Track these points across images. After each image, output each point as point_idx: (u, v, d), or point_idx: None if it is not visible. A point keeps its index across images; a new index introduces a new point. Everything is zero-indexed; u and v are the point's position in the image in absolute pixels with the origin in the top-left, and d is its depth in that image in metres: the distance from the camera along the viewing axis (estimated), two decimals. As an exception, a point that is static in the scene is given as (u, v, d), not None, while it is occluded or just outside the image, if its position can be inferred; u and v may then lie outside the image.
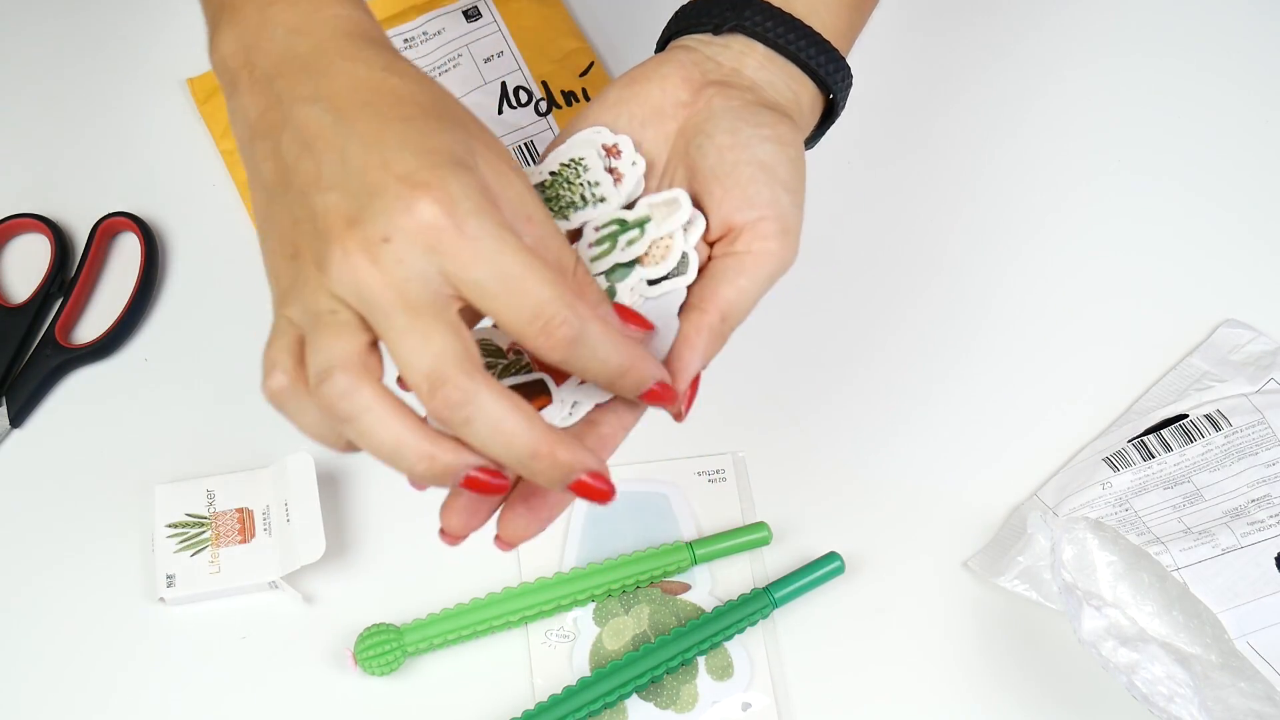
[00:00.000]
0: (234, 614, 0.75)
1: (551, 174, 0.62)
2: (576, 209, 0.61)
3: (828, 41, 0.65)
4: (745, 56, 0.64)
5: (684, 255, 0.60)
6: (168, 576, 0.74)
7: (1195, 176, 0.85)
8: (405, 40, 0.88)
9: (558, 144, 0.63)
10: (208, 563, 0.74)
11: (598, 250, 0.61)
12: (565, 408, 0.57)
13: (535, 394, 0.57)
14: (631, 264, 0.61)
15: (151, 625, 0.74)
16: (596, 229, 0.61)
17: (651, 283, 0.60)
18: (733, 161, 0.60)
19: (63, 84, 0.88)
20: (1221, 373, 0.79)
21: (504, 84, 0.87)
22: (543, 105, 0.86)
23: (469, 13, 0.89)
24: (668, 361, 0.58)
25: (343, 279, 0.51)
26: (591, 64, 0.87)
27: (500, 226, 0.51)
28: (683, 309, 0.59)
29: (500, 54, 0.88)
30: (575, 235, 0.61)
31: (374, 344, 0.52)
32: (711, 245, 0.60)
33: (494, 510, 0.56)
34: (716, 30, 0.64)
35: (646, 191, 0.62)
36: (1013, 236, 0.84)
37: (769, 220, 0.59)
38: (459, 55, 0.87)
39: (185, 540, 0.75)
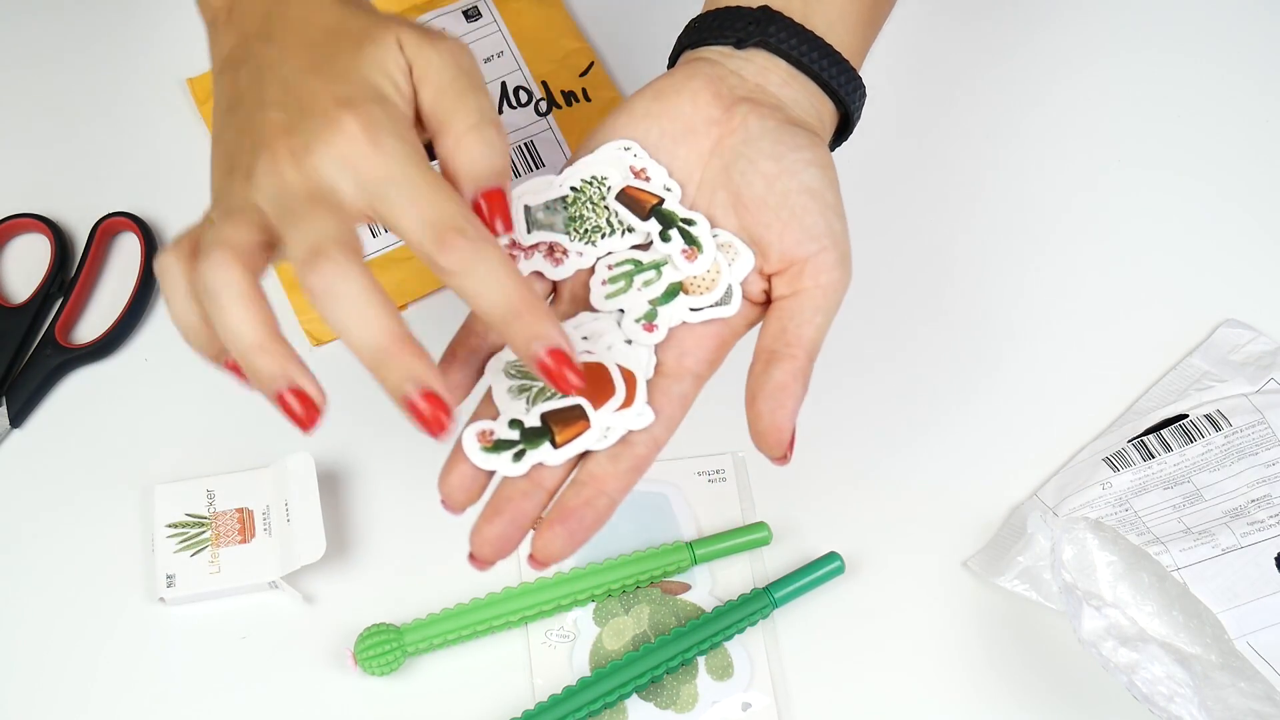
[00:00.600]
0: (234, 614, 0.75)
1: (573, 189, 0.62)
2: (603, 235, 0.62)
3: (845, 59, 0.65)
4: (768, 73, 0.64)
5: (729, 288, 0.61)
6: (168, 576, 0.74)
7: (1195, 176, 0.85)
8: (405, 40, 0.88)
9: (583, 153, 0.63)
10: (208, 563, 0.74)
11: (611, 289, 0.61)
12: (600, 430, 0.58)
13: (572, 419, 0.58)
14: (676, 290, 0.61)
15: (151, 625, 0.74)
16: (610, 266, 0.61)
17: (694, 310, 0.61)
18: (782, 191, 0.61)
19: (63, 84, 0.88)
20: (1221, 373, 0.79)
21: (504, 84, 0.87)
22: (543, 105, 0.86)
23: (469, 13, 0.89)
24: (773, 409, 0.59)
25: (264, 184, 0.55)
26: (591, 64, 0.87)
27: (412, 147, 0.54)
28: (768, 355, 0.60)
29: (500, 54, 0.88)
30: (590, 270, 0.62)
31: (266, 244, 0.55)
32: (769, 277, 0.62)
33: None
34: (740, 44, 0.64)
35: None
36: (1013, 237, 0.84)
37: (828, 250, 0.60)
38: (459, 55, 0.87)
39: (185, 540, 0.75)
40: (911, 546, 0.76)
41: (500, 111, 0.86)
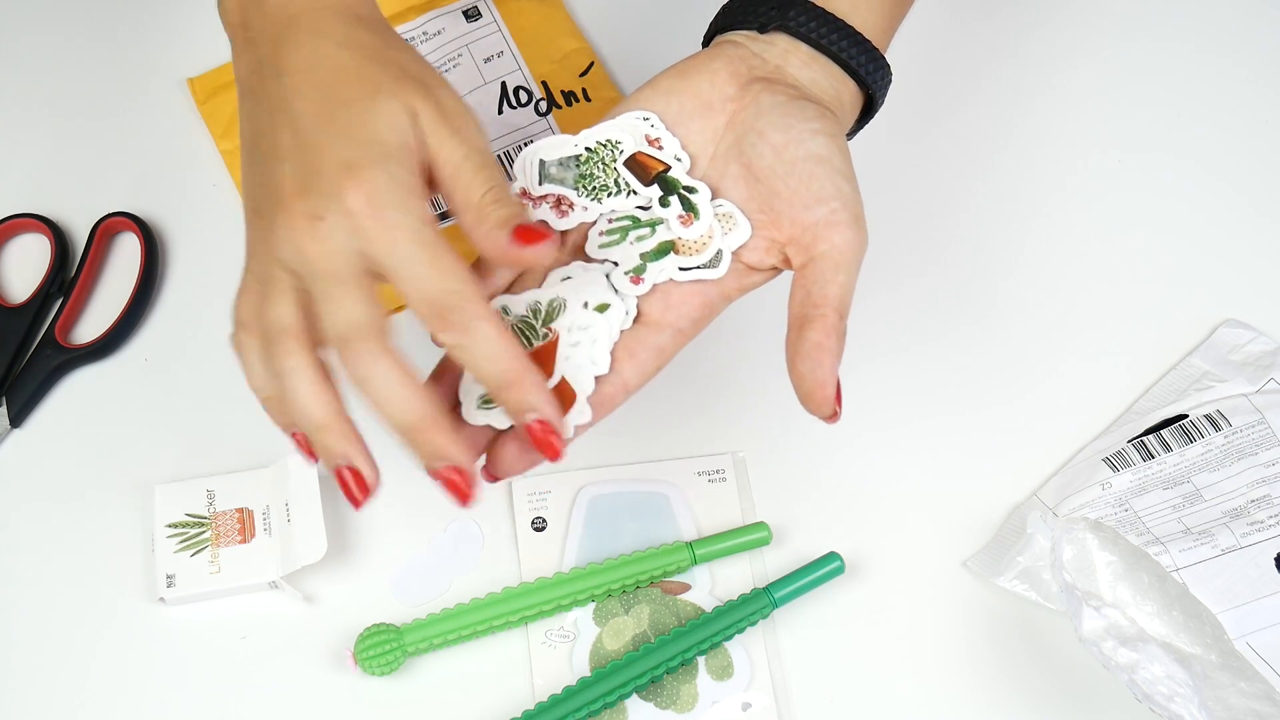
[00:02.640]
0: (234, 614, 0.75)
1: (588, 149, 0.65)
2: (609, 195, 0.64)
3: (868, 40, 0.67)
4: (789, 55, 0.66)
5: (719, 252, 0.63)
6: (168, 576, 0.74)
7: (1195, 176, 0.85)
8: (406, 40, 0.88)
9: (606, 119, 0.65)
10: (208, 562, 0.74)
11: (606, 240, 0.64)
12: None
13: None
14: (667, 249, 0.63)
15: (151, 625, 0.74)
16: (610, 220, 0.64)
17: (682, 269, 0.63)
18: (790, 159, 0.63)
19: (63, 84, 0.88)
20: (1221, 373, 0.79)
21: (504, 84, 0.87)
22: (543, 105, 0.86)
23: (469, 13, 0.89)
24: (812, 368, 0.61)
25: (284, 245, 0.58)
26: (591, 64, 0.87)
27: (415, 216, 0.57)
28: (800, 320, 0.62)
29: (500, 54, 0.88)
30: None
31: (312, 311, 0.59)
32: (783, 246, 0.63)
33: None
34: (762, 29, 0.66)
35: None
36: (1013, 237, 0.84)
37: (840, 210, 0.62)
38: (459, 55, 0.87)
39: (185, 540, 0.75)
40: (911, 546, 0.76)
41: (500, 111, 0.86)
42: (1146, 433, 0.77)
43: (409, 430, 0.58)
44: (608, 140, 0.65)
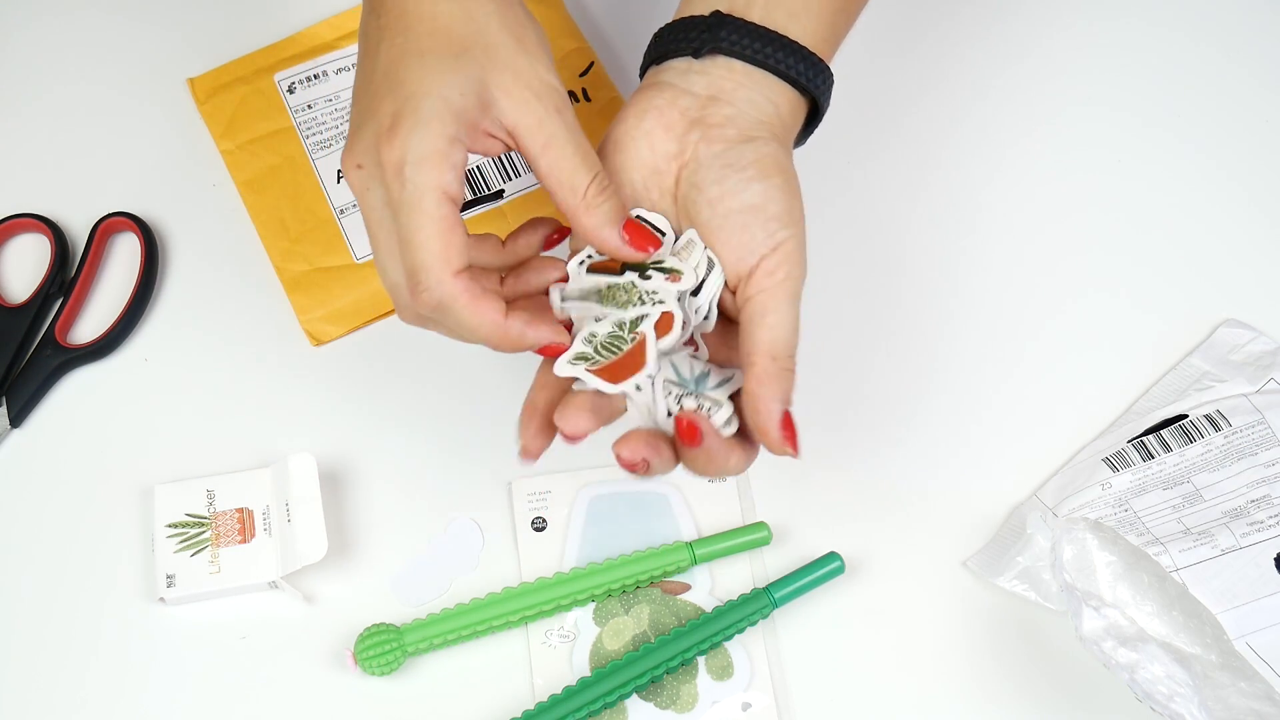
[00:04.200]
0: (234, 614, 0.75)
1: (609, 285, 0.66)
2: (634, 307, 0.65)
3: (804, 48, 0.67)
4: (723, 80, 0.67)
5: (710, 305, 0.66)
6: (168, 576, 0.74)
7: (1196, 176, 0.85)
8: (405, 40, 0.88)
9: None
10: (208, 562, 0.74)
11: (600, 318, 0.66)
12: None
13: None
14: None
15: (151, 625, 0.74)
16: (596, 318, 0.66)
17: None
18: (724, 213, 0.65)
19: (63, 84, 0.88)
20: (1221, 373, 0.79)
21: (504, 84, 0.87)
22: (543, 105, 0.86)
23: (469, 13, 0.89)
24: (752, 416, 0.63)
25: (347, 177, 0.63)
26: (591, 64, 0.87)
27: (429, 185, 0.60)
28: (744, 366, 0.64)
29: (500, 54, 0.88)
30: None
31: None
32: (734, 293, 0.65)
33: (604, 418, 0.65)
34: (696, 54, 0.67)
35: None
36: (1012, 237, 0.84)
37: (769, 257, 0.64)
38: (459, 55, 0.87)
39: (185, 540, 0.75)
40: (911, 547, 0.76)
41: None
42: (1146, 433, 0.77)
43: (494, 345, 0.63)
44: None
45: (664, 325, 0.64)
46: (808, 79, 0.67)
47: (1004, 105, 0.88)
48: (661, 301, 0.64)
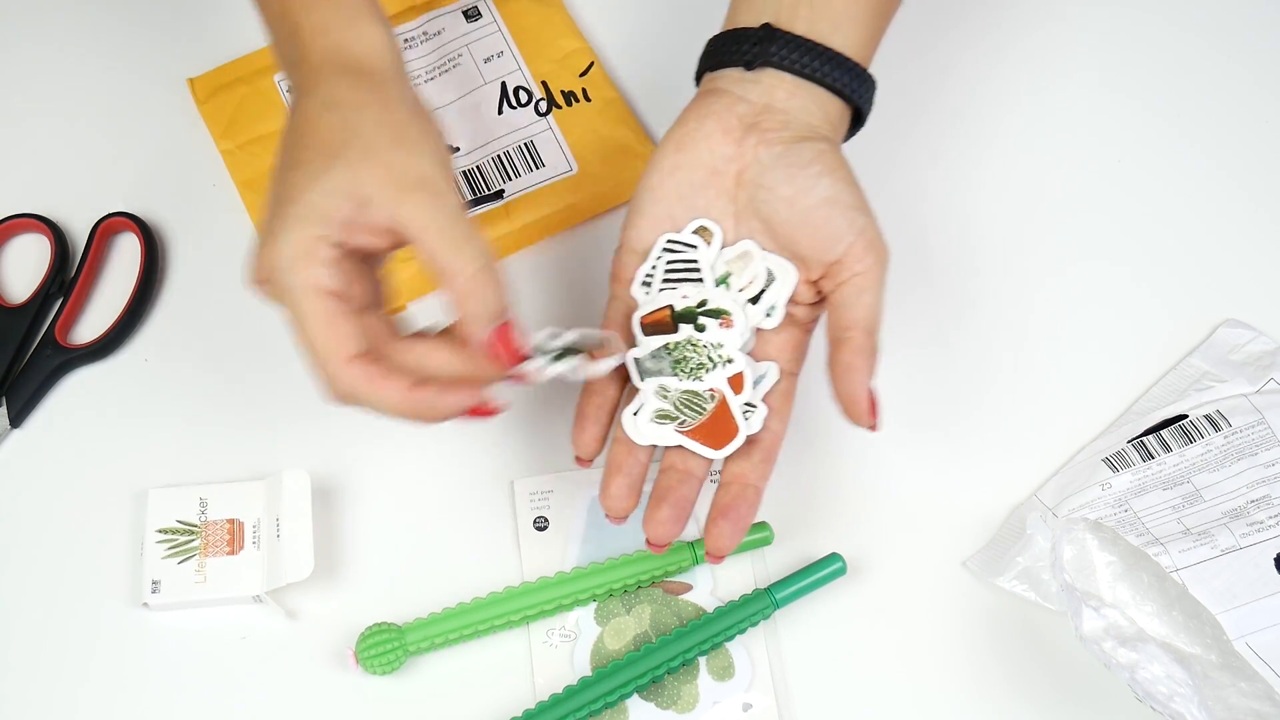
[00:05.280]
0: (234, 613, 0.74)
1: (672, 344, 0.70)
2: (708, 371, 0.69)
3: (850, 60, 0.71)
4: (775, 89, 0.70)
5: (771, 307, 0.70)
6: (153, 582, 0.74)
7: (1196, 176, 0.85)
8: (405, 40, 0.88)
9: (632, 243, 0.72)
10: (194, 571, 0.74)
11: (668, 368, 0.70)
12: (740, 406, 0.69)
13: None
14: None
15: (151, 624, 0.74)
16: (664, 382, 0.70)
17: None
18: (803, 208, 0.69)
19: (63, 84, 0.88)
20: (1221, 373, 0.79)
21: (504, 84, 0.87)
22: (543, 105, 0.86)
23: (469, 13, 0.89)
24: (847, 386, 0.69)
25: (252, 285, 0.65)
26: (591, 64, 0.87)
27: (301, 289, 0.62)
28: (834, 343, 0.69)
29: (500, 54, 0.88)
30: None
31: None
32: (816, 283, 0.70)
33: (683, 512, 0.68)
34: (748, 66, 0.71)
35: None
36: (1012, 237, 0.84)
37: (856, 241, 0.68)
38: (459, 55, 0.87)
39: (174, 547, 0.74)
40: (912, 547, 0.76)
41: (500, 111, 0.86)
42: (1146, 433, 0.78)
43: (411, 418, 0.64)
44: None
45: (736, 383, 0.69)
46: (852, 90, 0.71)
47: (1003, 106, 0.88)
48: (730, 360, 0.69)
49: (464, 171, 0.84)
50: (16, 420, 0.79)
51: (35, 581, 0.76)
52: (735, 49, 0.71)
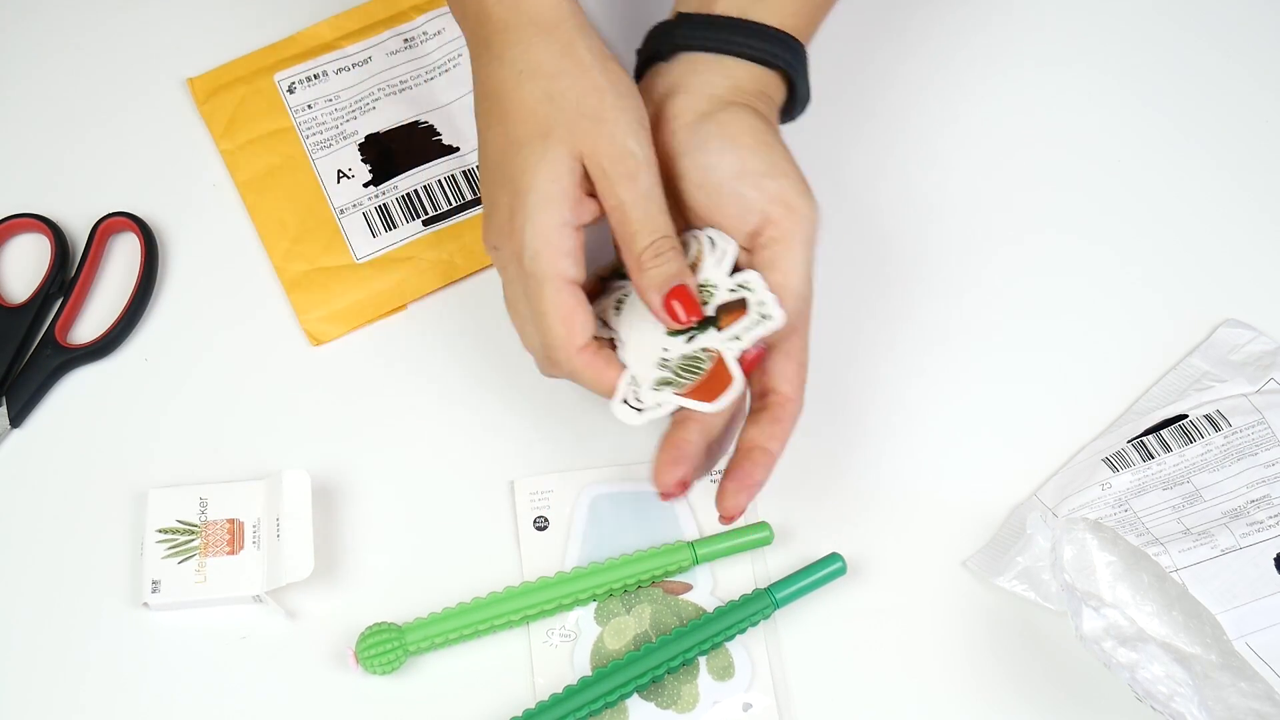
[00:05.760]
0: (235, 613, 0.74)
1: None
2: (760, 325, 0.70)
3: (763, 25, 0.71)
4: (684, 73, 0.72)
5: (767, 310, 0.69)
6: (153, 582, 0.73)
7: (1195, 176, 0.85)
8: (405, 40, 0.88)
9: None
10: (194, 571, 0.74)
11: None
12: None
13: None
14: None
15: (151, 624, 0.74)
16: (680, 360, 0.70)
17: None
18: (712, 189, 0.70)
19: (62, 84, 0.88)
20: (1221, 373, 0.79)
21: (504, 84, 0.87)
22: (543, 105, 0.86)
23: (469, 13, 0.89)
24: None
25: (487, 245, 0.71)
26: (591, 64, 0.87)
27: (547, 277, 0.67)
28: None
29: (500, 54, 0.87)
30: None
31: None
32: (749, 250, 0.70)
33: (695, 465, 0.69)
34: (663, 56, 0.73)
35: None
36: (1012, 236, 0.84)
37: (770, 209, 0.69)
38: (459, 55, 0.87)
39: (174, 547, 0.74)
40: (912, 547, 0.76)
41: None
42: (1146, 433, 0.77)
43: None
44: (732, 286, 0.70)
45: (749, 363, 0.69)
46: (766, 53, 0.71)
47: (1002, 105, 0.88)
48: (738, 338, 0.69)
49: (464, 171, 0.84)
50: (16, 420, 0.79)
51: (35, 581, 0.75)
52: (651, 45, 0.74)
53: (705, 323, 0.70)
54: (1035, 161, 0.86)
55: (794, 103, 0.75)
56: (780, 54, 0.72)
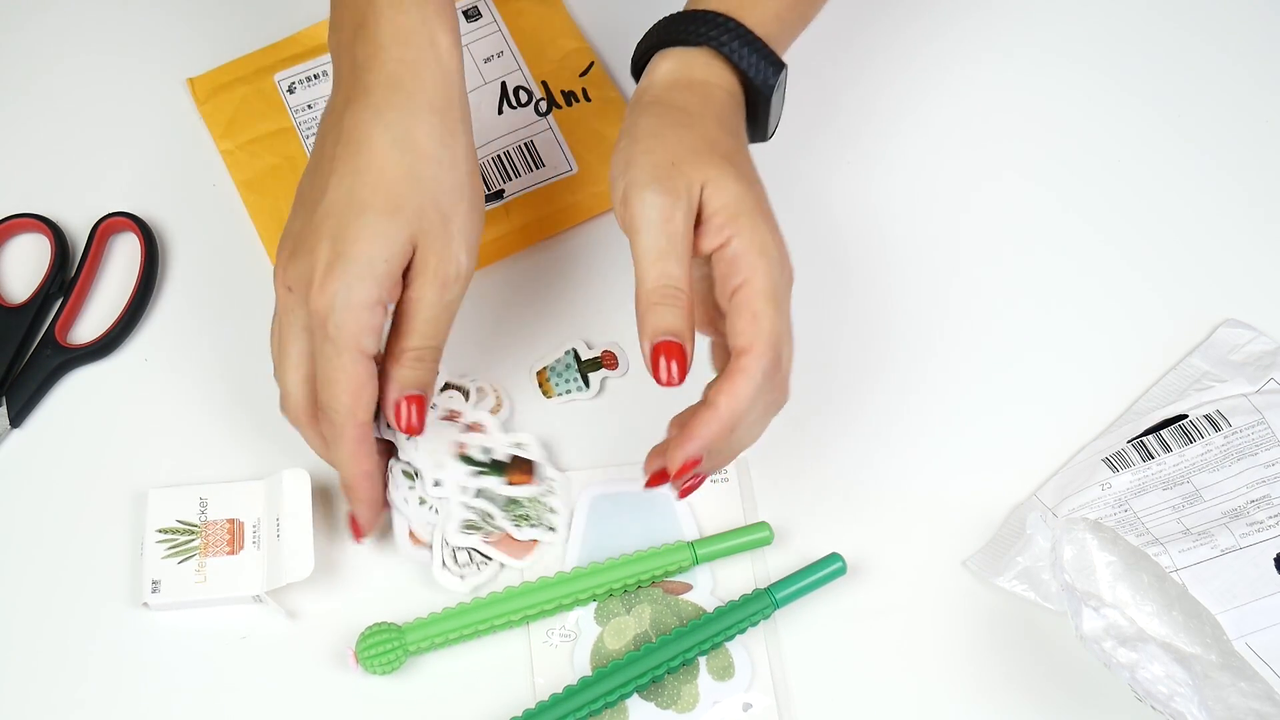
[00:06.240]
0: (235, 613, 0.74)
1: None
2: (532, 524, 0.76)
3: (711, 13, 0.71)
4: (652, 72, 0.71)
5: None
6: (153, 582, 0.73)
7: (1195, 176, 0.85)
8: (405, 40, 0.87)
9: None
10: (194, 571, 0.74)
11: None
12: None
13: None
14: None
15: (151, 624, 0.74)
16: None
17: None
18: (624, 192, 0.67)
19: (63, 84, 0.88)
20: (1221, 373, 0.79)
21: (504, 84, 0.87)
22: (543, 105, 0.86)
23: (469, 13, 0.89)
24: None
25: (275, 280, 0.69)
26: (591, 64, 0.87)
27: (347, 339, 0.67)
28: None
29: (500, 54, 0.88)
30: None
31: None
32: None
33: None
34: (646, 59, 0.72)
35: None
36: (1012, 236, 0.84)
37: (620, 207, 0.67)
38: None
39: (174, 547, 0.74)
40: (912, 547, 0.76)
41: (500, 111, 0.86)
42: (1146, 433, 0.77)
43: (350, 492, 0.72)
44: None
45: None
46: (703, 36, 0.70)
47: (1002, 104, 0.88)
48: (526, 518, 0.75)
49: (464, 171, 0.84)
50: (16, 420, 0.79)
51: (36, 581, 0.75)
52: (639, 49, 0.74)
53: (497, 465, 0.75)
54: (1035, 161, 0.86)
55: (754, 87, 0.72)
56: (732, 51, 0.70)
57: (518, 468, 0.76)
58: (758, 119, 0.73)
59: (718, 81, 0.71)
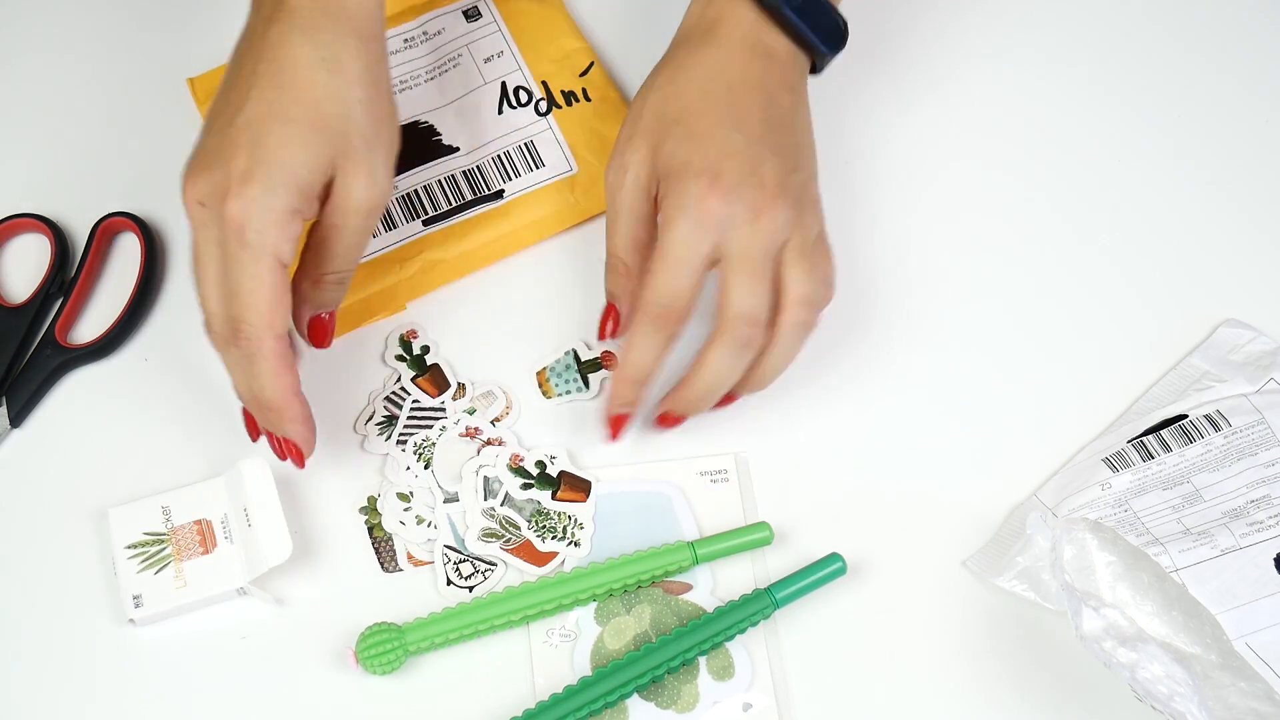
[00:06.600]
0: (231, 616, 0.74)
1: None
2: (555, 538, 0.76)
3: None
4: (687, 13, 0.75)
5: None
6: (134, 597, 0.73)
7: (1196, 175, 0.85)
8: (405, 40, 0.88)
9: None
10: (172, 578, 0.74)
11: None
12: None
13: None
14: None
15: (145, 636, 0.74)
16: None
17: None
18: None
19: (63, 83, 0.88)
20: (1221, 373, 0.79)
21: (504, 84, 0.87)
22: (543, 105, 0.86)
23: (469, 13, 0.89)
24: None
25: (185, 196, 0.68)
26: (591, 64, 0.87)
27: (264, 247, 0.65)
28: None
29: (500, 54, 0.88)
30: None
31: None
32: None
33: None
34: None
35: None
36: (1011, 237, 0.84)
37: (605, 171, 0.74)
38: (459, 55, 0.87)
39: (147, 559, 0.74)
40: (912, 547, 0.76)
41: (500, 111, 0.86)
42: (1146, 433, 0.77)
43: (265, 409, 0.69)
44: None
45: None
46: None
47: (1001, 103, 0.88)
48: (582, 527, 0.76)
49: (464, 171, 0.84)
50: (16, 420, 0.79)
51: (36, 581, 0.75)
52: None
53: (545, 479, 0.76)
54: (1036, 161, 0.86)
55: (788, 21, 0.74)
56: None
57: (568, 483, 0.76)
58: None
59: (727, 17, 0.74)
